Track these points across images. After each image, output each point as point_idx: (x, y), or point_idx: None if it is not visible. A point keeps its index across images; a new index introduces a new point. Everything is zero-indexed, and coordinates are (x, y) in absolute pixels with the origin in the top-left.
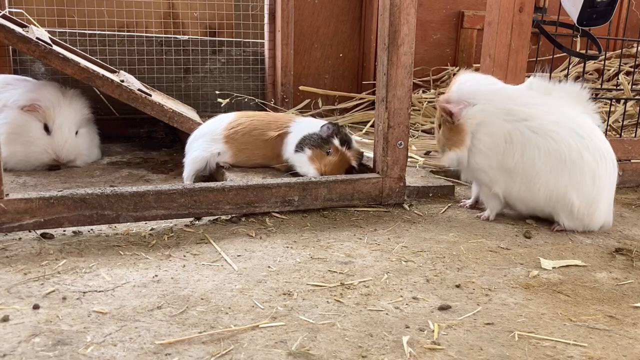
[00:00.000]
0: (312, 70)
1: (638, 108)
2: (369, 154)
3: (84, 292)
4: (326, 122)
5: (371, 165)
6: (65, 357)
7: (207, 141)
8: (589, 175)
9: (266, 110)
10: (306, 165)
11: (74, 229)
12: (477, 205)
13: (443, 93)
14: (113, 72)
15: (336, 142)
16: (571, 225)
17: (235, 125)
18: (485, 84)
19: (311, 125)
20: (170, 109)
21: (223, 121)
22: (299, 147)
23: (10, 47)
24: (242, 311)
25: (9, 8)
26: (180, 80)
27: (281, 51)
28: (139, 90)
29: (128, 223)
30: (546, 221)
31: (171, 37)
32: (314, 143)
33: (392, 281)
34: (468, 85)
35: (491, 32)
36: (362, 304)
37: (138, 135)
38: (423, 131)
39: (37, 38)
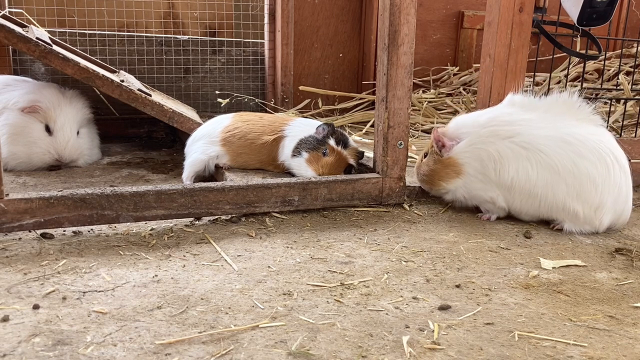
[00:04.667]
0: (312, 70)
1: (638, 108)
2: (369, 154)
3: (84, 292)
4: (321, 123)
5: (371, 165)
6: (65, 357)
7: (205, 144)
8: (587, 181)
9: (266, 110)
10: (304, 169)
11: (74, 229)
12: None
13: (443, 93)
14: (113, 72)
15: (332, 142)
16: (579, 229)
17: (232, 129)
18: (474, 116)
19: (306, 127)
20: (170, 109)
21: (221, 123)
22: (296, 151)
23: (10, 47)
24: (242, 311)
25: (9, 8)
26: (180, 80)
27: (281, 51)
28: (139, 90)
29: (128, 223)
30: (546, 222)
31: (171, 37)
32: (310, 146)
33: (392, 281)
34: (460, 120)
35: (491, 32)
36: (362, 304)
37: (138, 135)
38: (423, 131)
39: (37, 38)
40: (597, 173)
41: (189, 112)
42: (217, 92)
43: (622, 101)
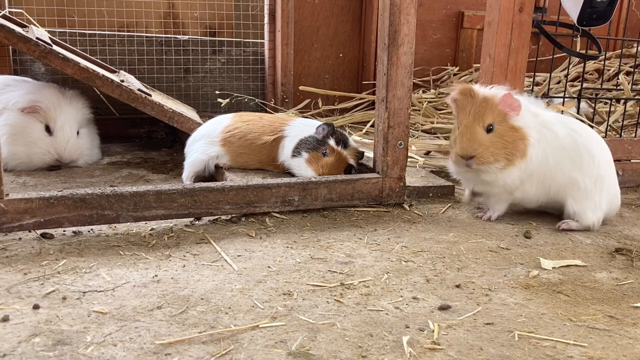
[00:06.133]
0: (312, 70)
1: (638, 108)
2: (369, 154)
3: (84, 292)
4: (321, 123)
5: (371, 165)
6: (65, 357)
7: (205, 144)
8: (586, 155)
9: (266, 110)
10: (304, 169)
11: (74, 229)
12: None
13: (443, 93)
14: (113, 72)
15: (332, 142)
16: (579, 209)
17: (232, 129)
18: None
19: (306, 127)
20: (170, 109)
21: (221, 123)
22: (296, 151)
23: (10, 47)
24: (242, 311)
25: (9, 8)
26: (180, 80)
27: (281, 51)
28: (139, 90)
29: (128, 223)
30: (546, 221)
31: (171, 37)
32: (310, 146)
33: (392, 281)
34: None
35: (491, 32)
36: (362, 304)
37: (138, 135)
38: (423, 131)
39: (37, 38)
40: (591, 147)
41: (189, 112)
42: (217, 92)
43: (622, 101)
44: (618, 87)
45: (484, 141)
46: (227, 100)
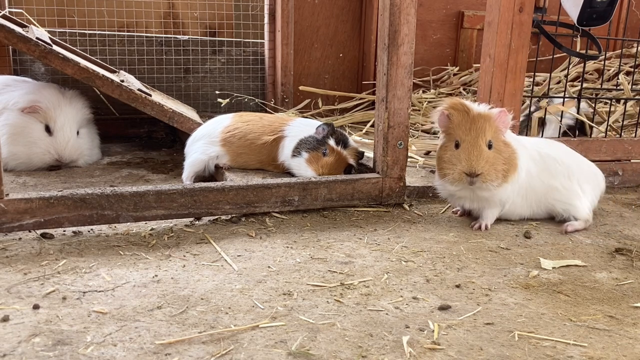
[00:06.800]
0: (312, 70)
1: (638, 108)
2: (369, 154)
3: (84, 292)
4: (321, 123)
5: (371, 165)
6: (65, 357)
7: (205, 144)
8: (549, 160)
9: (266, 110)
10: (304, 169)
11: (74, 229)
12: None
13: (443, 93)
14: (113, 72)
15: (331, 142)
16: (567, 206)
17: (232, 129)
18: None
19: (306, 127)
20: (170, 109)
21: (221, 123)
22: (296, 151)
23: (10, 47)
24: (242, 311)
25: (9, 8)
26: (180, 80)
27: (281, 51)
28: (139, 90)
29: (128, 223)
30: (546, 221)
31: (171, 37)
32: (310, 146)
33: (392, 281)
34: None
35: (491, 32)
36: (362, 304)
37: (138, 135)
38: (423, 131)
39: (37, 38)
40: (551, 153)
41: (189, 112)
42: (217, 92)
43: (622, 101)
44: (618, 87)
45: (490, 158)
46: (227, 100)
